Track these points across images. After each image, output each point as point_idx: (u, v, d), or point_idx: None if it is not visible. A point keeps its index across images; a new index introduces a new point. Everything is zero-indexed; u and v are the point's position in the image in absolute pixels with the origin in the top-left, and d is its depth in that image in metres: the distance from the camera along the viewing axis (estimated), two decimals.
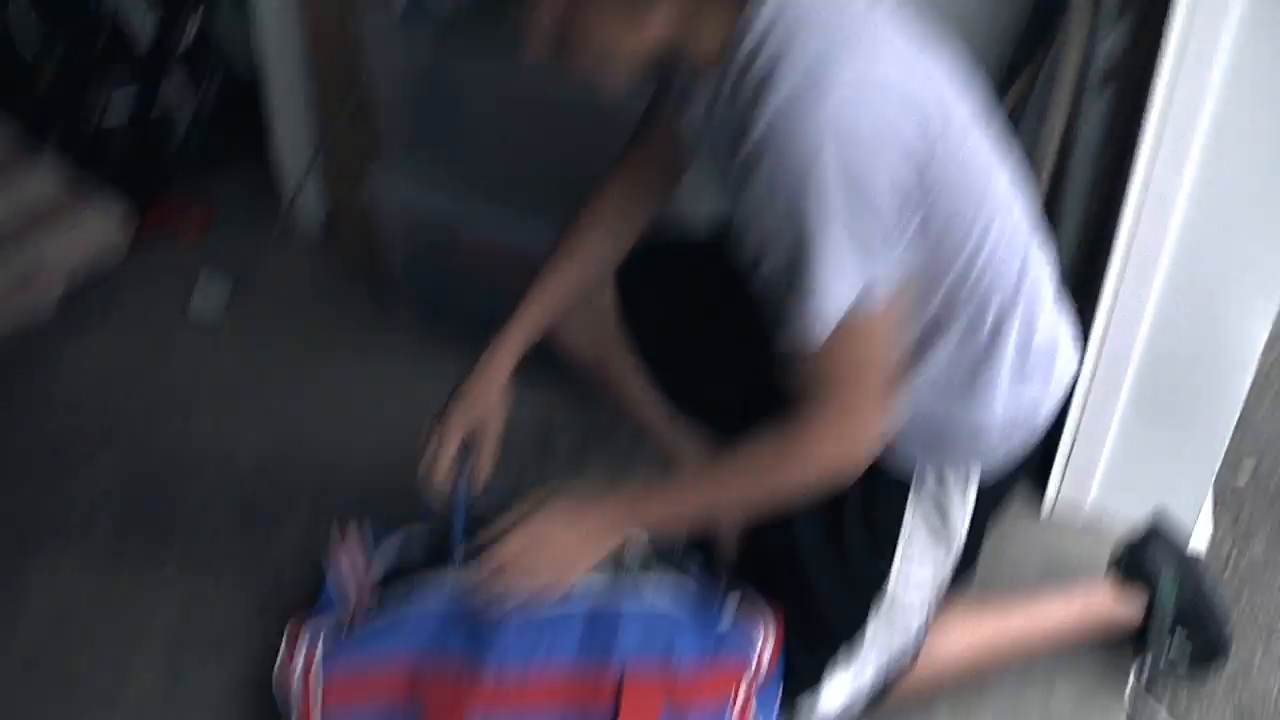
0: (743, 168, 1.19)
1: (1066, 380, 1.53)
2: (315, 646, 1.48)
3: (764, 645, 1.48)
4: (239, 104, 3.16)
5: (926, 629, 1.58)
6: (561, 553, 1.40)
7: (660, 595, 1.49)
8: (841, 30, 1.17)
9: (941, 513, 1.50)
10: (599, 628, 1.43)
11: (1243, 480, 2.33)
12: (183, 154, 3.20)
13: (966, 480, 1.49)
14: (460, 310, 2.42)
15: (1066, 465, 2.05)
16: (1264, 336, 1.85)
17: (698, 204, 1.84)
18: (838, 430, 1.28)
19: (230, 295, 2.67)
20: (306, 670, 1.46)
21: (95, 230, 2.68)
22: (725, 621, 1.48)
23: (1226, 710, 1.82)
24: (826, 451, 1.30)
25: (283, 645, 1.49)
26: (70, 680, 1.79)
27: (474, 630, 1.42)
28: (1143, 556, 1.79)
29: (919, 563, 1.52)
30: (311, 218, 2.92)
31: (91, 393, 2.40)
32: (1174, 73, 1.64)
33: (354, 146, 2.56)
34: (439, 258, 2.40)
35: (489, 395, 1.54)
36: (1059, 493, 2.09)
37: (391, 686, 1.44)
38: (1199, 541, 2.11)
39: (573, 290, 1.59)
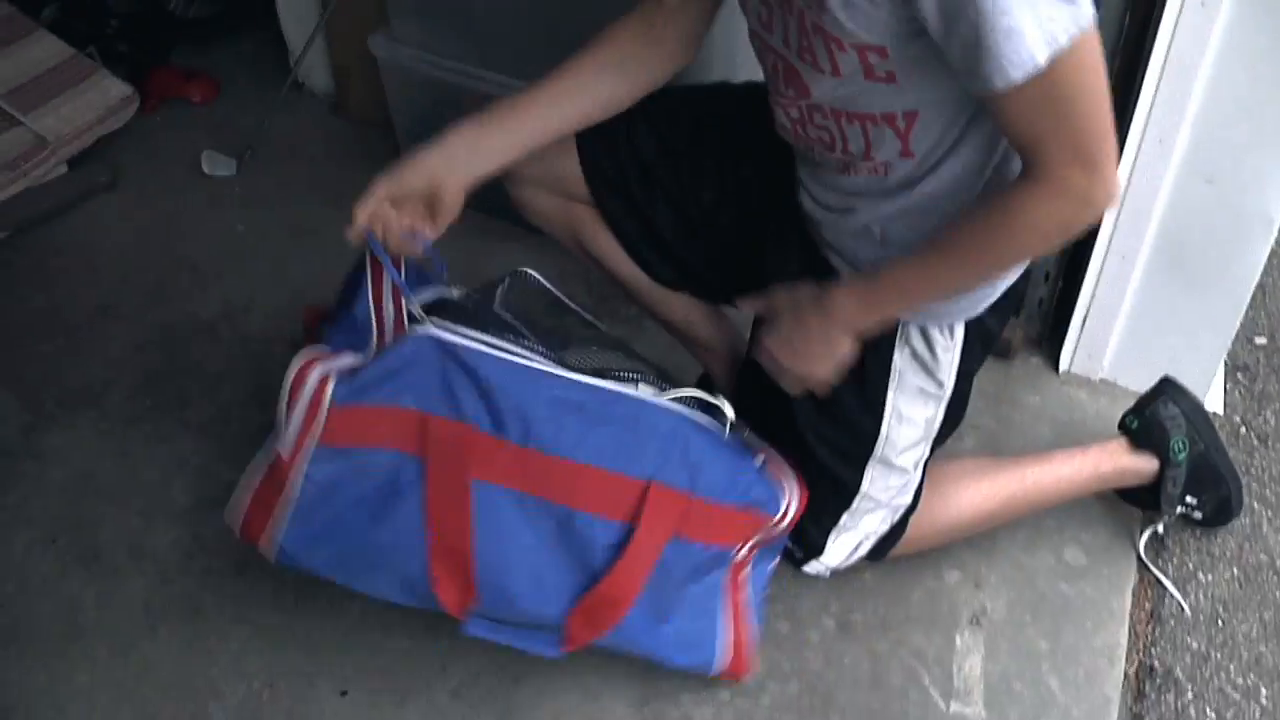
0: None
1: None
2: (326, 383, 1.33)
3: (787, 507, 1.48)
4: None
5: (924, 472, 1.61)
6: (820, 341, 1.40)
7: (700, 427, 1.44)
8: None
9: (928, 362, 1.50)
10: (638, 432, 1.38)
11: (1256, 353, 2.32)
12: (186, 21, 3.15)
13: (951, 328, 1.48)
14: None
15: (1082, 330, 2.05)
16: None
17: None
18: (1078, 179, 1.18)
19: (239, 159, 2.65)
20: (313, 407, 1.32)
21: (100, 98, 2.65)
22: (753, 473, 1.47)
23: (1232, 570, 1.85)
24: (1061, 206, 1.21)
25: (292, 368, 1.33)
26: (91, 549, 1.81)
27: (488, 394, 1.33)
28: (1154, 416, 1.79)
29: (909, 413, 1.53)
30: (319, 81, 2.89)
31: (103, 259, 2.40)
32: None
33: (358, 8, 2.51)
34: (446, 117, 2.36)
35: (432, 164, 1.47)
36: (1073, 359, 2.09)
37: (396, 433, 1.34)
38: (1213, 406, 2.12)
39: (552, 129, 1.50)
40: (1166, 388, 1.81)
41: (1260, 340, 2.36)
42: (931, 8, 1.10)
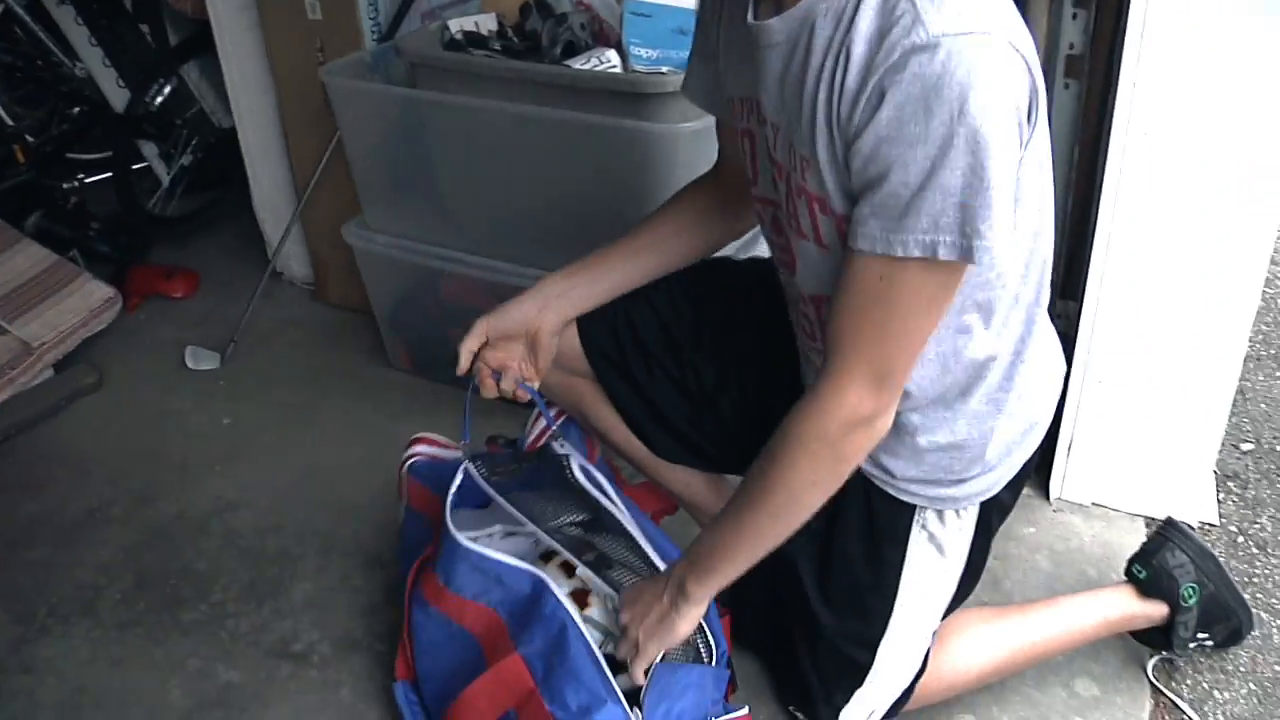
0: (860, 101, 1.12)
1: (1054, 396, 1.52)
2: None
3: None
4: (218, 168, 3.19)
5: (933, 639, 1.59)
6: (660, 628, 1.44)
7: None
8: None
9: (943, 544, 1.50)
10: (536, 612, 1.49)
11: (1244, 459, 2.33)
12: (165, 218, 3.23)
13: (967, 509, 1.49)
14: (451, 349, 2.43)
15: (1069, 457, 2.07)
16: (1251, 314, 1.87)
17: None
18: (862, 393, 1.22)
19: (222, 352, 2.68)
20: None
21: (83, 301, 2.69)
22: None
23: (1248, 685, 1.82)
24: (831, 424, 1.24)
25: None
26: None
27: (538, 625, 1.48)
28: (1162, 565, 1.75)
29: (923, 592, 1.52)
30: (297, 270, 2.94)
31: (92, 461, 2.40)
32: (1134, 68, 1.66)
33: (334, 198, 2.58)
34: (425, 300, 2.42)
35: (527, 309, 1.59)
36: (1063, 486, 2.10)
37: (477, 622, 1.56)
38: (1207, 517, 2.12)
39: (643, 270, 1.61)
40: (1171, 533, 1.77)
41: (1247, 446, 2.38)
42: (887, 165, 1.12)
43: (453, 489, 1.60)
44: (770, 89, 1.26)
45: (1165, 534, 1.78)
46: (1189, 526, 1.80)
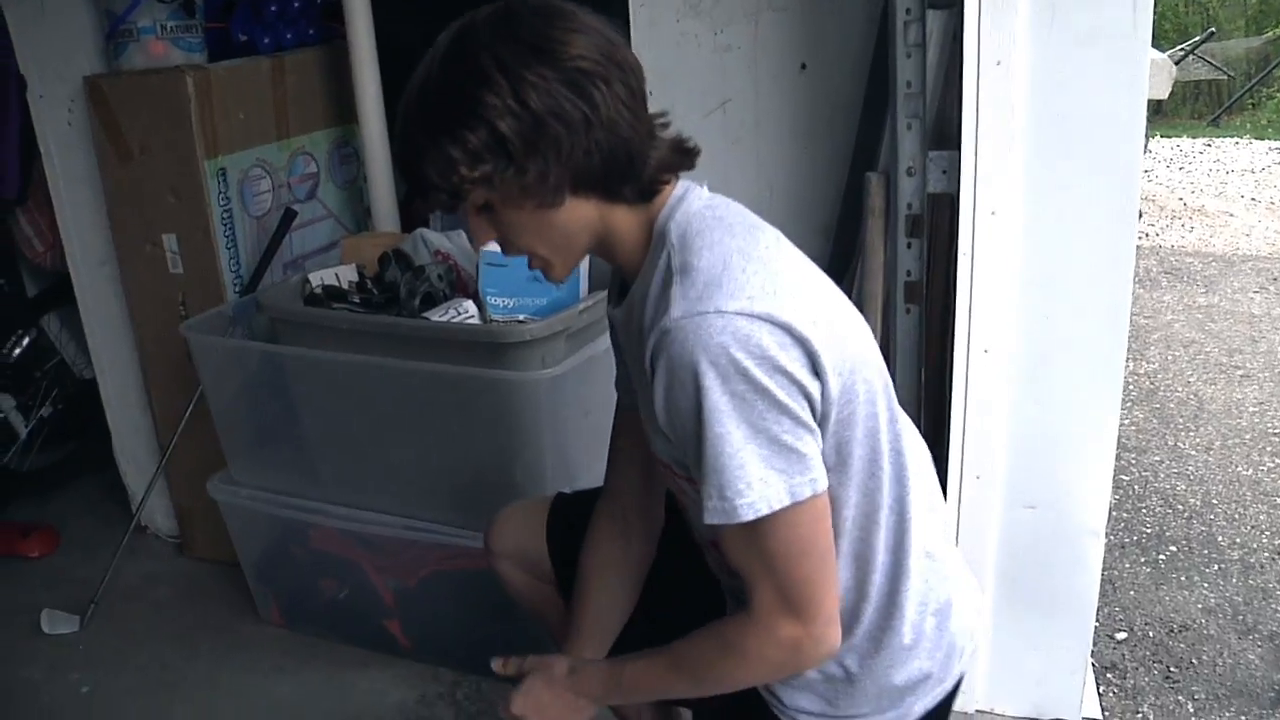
0: (647, 371, 1.22)
1: (961, 645, 1.47)
2: None
3: None
4: (78, 419, 3.12)
5: None
6: (568, 707, 1.46)
7: None
8: (736, 257, 1.21)
9: None
10: None
11: (1120, 649, 2.38)
12: (22, 474, 3.13)
13: None
14: (321, 601, 2.38)
15: None
16: (1104, 504, 1.94)
17: None
18: (787, 626, 1.24)
19: (82, 614, 2.56)
20: None
21: None
22: None
23: None
24: (770, 651, 1.26)
25: None
26: None
27: None
28: None
29: None
30: (162, 524, 2.87)
31: None
32: (969, 297, 1.76)
33: (198, 450, 2.54)
34: (294, 552, 2.37)
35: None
36: None
37: None
38: (1090, 712, 2.14)
39: (605, 631, 1.59)
40: None
41: (1121, 635, 2.43)
42: (685, 440, 1.20)
43: None
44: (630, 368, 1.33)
45: None
46: None
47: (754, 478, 1.17)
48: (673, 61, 2.09)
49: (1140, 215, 5.66)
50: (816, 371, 1.19)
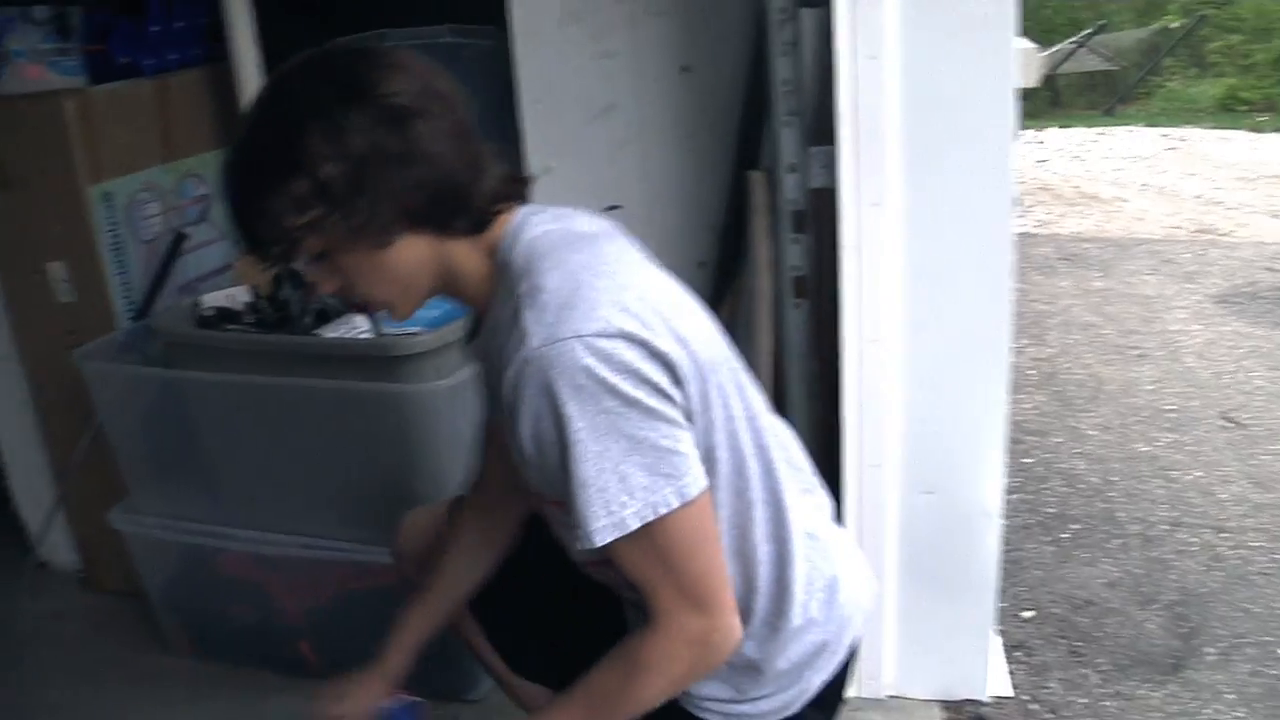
0: (507, 405, 1.22)
1: (851, 617, 1.49)
2: None
3: None
4: None
5: None
6: None
7: None
8: (584, 274, 1.22)
9: None
10: None
11: (1027, 627, 2.44)
12: None
13: None
14: (232, 628, 2.35)
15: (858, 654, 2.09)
16: (999, 486, 1.99)
17: None
18: (693, 622, 1.26)
19: None
20: None
21: None
22: None
23: None
24: (682, 652, 1.27)
25: None
26: None
27: None
28: None
29: None
30: (64, 558, 2.80)
31: None
32: (856, 289, 1.80)
33: (98, 481, 2.49)
34: (201, 581, 2.34)
35: (364, 689, 1.60)
36: (860, 683, 2.13)
37: None
38: (999, 690, 2.18)
39: (438, 620, 1.63)
40: None
41: (1028, 614, 2.48)
42: (555, 469, 1.21)
43: None
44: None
45: None
46: (984, 705, 1.85)
47: (638, 486, 1.18)
48: (555, 69, 2.10)
49: (1018, 201, 5.83)
50: (677, 381, 1.21)
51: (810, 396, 2.01)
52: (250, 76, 2.51)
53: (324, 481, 2.11)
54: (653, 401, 1.18)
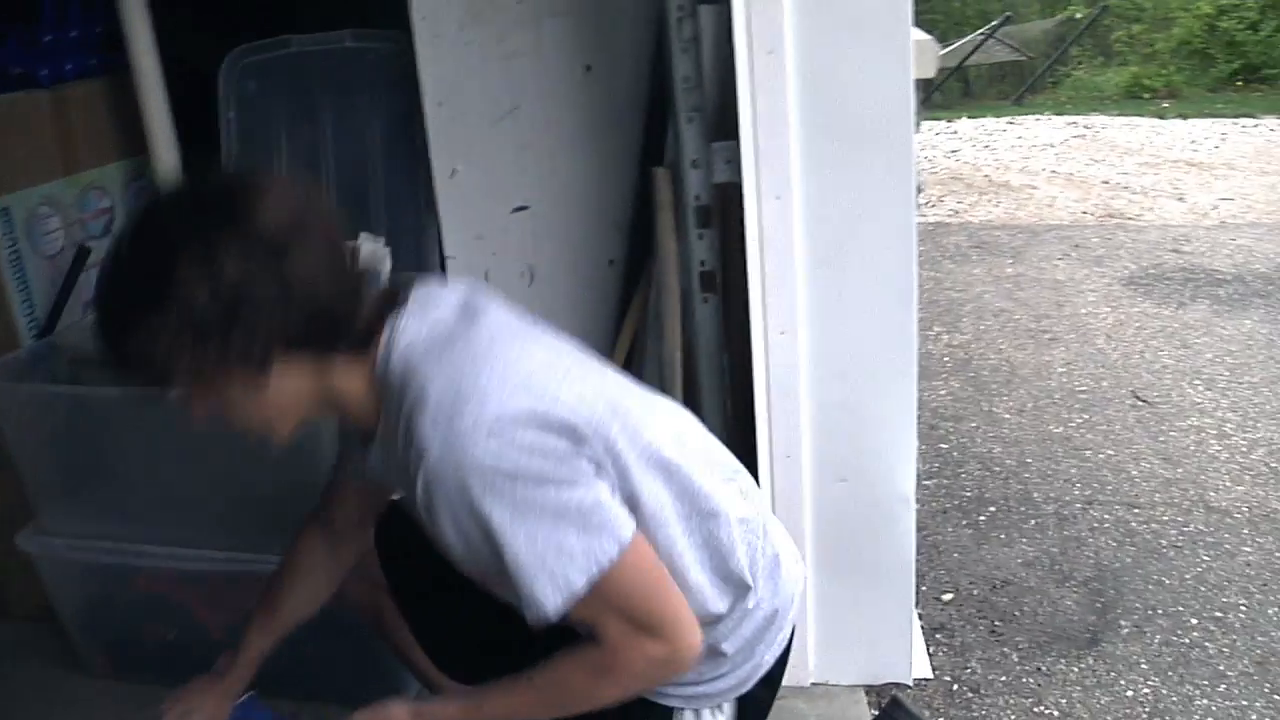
0: (424, 510, 1.25)
1: (792, 592, 1.55)
2: None
3: None
4: None
5: None
6: None
7: None
8: (465, 367, 1.24)
9: None
10: None
11: (947, 609, 2.48)
12: None
13: (721, 706, 1.49)
14: (152, 647, 2.31)
15: None
16: (911, 474, 2.02)
17: None
18: (651, 647, 1.29)
19: None
20: None
21: None
22: None
23: None
24: (641, 668, 1.31)
25: None
26: None
27: None
28: None
29: None
30: None
31: None
32: (762, 281, 1.82)
33: (2, 505, 2.43)
34: (118, 601, 2.29)
35: (209, 701, 1.63)
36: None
37: None
38: (921, 672, 2.22)
39: (288, 624, 1.66)
40: (896, 713, 1.84)
41: (947, 596, 2.53)
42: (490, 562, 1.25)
43: None
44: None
45: (891, 713, 1.85)
46: (907, 688, 1.87)
47: (576, 550, 1.22)
48: (459, 71, 2.09)
49: (922, 189, 5.94)
50: (580, 440, 1.24)
51: (722, 389, 2.02)
52: (151, 85, 2.46)
53: (237, 492, 2.08)
54: (562, 471, 1.22)
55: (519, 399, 1.22)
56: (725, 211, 1.91)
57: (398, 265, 2.20)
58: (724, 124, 1.88)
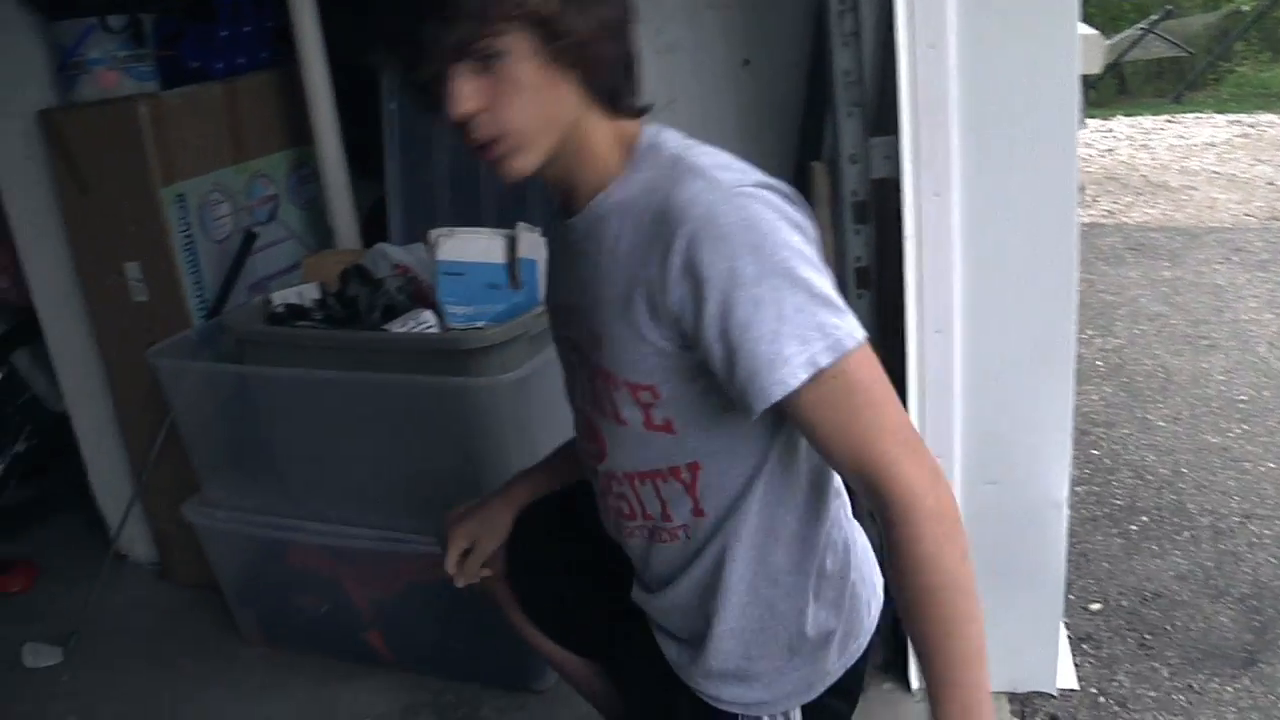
0: (656, 280, 1.21)
1: (867, 613, 1.49)
2: None
3: None
4: (53, 453, 3.13)
5: None
6: None
7: None
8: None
9: None
10: None
11: (1094, 620, 2.41)
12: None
13: (787, 714, 1.45)
14: (303, 619, 2.39)
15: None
16: (1065, 480, 1.97)
17: None
18: (915, 473, 1.18)
19: (65, 646, 2.57)
20: None
21: None
22: None
23: None
24: (947, 507, 1.20)
25: None
26: None
27: None
28: None
29: None
30: (141, 552, 2.87)
31: None
32: (919, 279, 1.80)
33: (174, 476, 2.55)
34: (272, 572, 2.39)
35: (491, 518, 1.66)
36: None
37: None
38: (1066, 682, 2.16)
39: (551, 487, 1.69)
40: None
41: (1095, 606, 2.46)
42: (714, 344, 1.19)
43: None
44: (579, 282, 1.34)
45: None
46: (1051, 697, 1.83)
47: (826, 323, 1.16)
48: None
49: (1082, 189, 5.73)
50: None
51: None
52: (317, 78, 2.56)
53: (392, 474, 2.15)
54: (817, 259, 1.21)
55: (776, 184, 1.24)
56: (882, 207, 1.89)
57: None
58: (883, 119, 1.86)
